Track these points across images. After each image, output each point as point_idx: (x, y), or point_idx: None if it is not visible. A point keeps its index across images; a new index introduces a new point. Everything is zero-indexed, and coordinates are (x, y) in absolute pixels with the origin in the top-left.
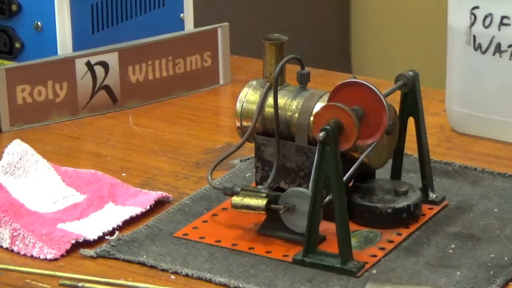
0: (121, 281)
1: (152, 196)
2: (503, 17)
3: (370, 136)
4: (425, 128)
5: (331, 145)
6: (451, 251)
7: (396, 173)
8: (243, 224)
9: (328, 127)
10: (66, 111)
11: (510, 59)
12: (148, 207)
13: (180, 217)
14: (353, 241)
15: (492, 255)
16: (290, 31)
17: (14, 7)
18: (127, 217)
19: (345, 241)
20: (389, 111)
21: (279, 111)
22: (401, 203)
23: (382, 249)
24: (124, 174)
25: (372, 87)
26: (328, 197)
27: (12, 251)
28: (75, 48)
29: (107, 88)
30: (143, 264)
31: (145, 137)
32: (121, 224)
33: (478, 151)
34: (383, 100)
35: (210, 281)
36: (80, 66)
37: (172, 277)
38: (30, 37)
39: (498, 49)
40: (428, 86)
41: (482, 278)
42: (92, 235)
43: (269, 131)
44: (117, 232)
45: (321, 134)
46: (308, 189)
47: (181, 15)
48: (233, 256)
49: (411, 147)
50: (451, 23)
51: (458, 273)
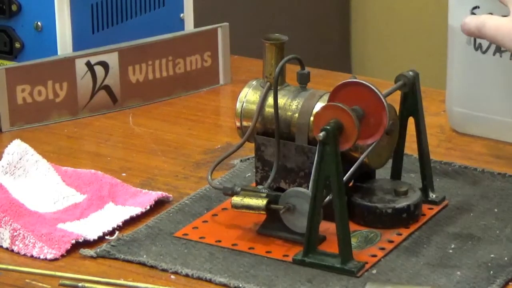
0: (121, 281)
1: (152, 196)
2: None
3: (370, 136)
4: (425, 128)
5: (331, 145)
6: (451, 251)
7: (396, 173)
8: (243, 224)
9: (328, 127)
10: (66, 111)
11: (510, 59)
12: (148, 207)
13: (180, 217)
14: (353, 241)
15: (492, 255)
16: (290, 31)
17: (14, 7)
18: (127, 217)
19: (345, 241)
20: (389, 111)
21: (279, 111)
22: (401, 203)
23: (382, 249)
24: (124, 174)
25: (372, 87)
26: (328, 197)
27: (12, 251)
28: (75, 48)
29: (107, 88)
30: (143, 264)
31: (145, 137)
32: (121, 224)
33: (478, 151)
34: (383, 100)
35: (210, 281)
36: (80, 66)
37: (172, 277)
38: (30, 37)
39: (499, 49)
40: (428, 86)
41: (482, 278)
42: (92, 235)
43: (269, 131)
44: (117, 232)
45: (321, 134)
46: (308, 189)
47: (181, 15)
48: (233, 256)
49: (411, 147)
50: (451, 23)
51: (458, 273)
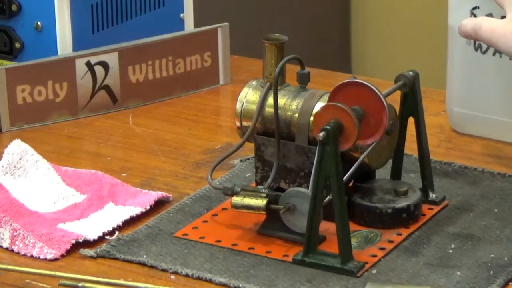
0: (121, 281)
1: (152, 196)
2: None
3: (370, 136)
4: (425, 128)
5: (331, 145)
6: (451, 251)
7: (396, 173)
8: (243, 224)
9: (328, 127)
10: (66, 111)
11: (510, 59)
12: (148, 207)
13: (180, 217)
14: (353, 241)
15: (492, 255)
16: (290, 31)
17: (14, 7)
18: (127, 217)
19: (345, 241)
20: (389, 111)
21: (279, 111)
22: (401, 203)
23: (382, 249)
24: (124, 174)
25: (372, 87)
26: (328, 197)
27: (12, 251)
28: (75, 48)
29: (107, 88)
30: (143, 264)
31: (145, 137)
32: (121, 224)
33: (478, 151)
34: (383, 100)
35: (210, 281)
36: (80, 66)
37: (172, 277)
38: (30, 37)
39: None
40: (428, 86)
41: (482, 278)
42: (92, 235)
43: (269, 131)
44: (117, 232)
45: (321, 134)
46: (308, 189)
47: (181, 15)
48: (233, 256)
49: (411, 147)
50: (451, 23)
51: (458, 273)
